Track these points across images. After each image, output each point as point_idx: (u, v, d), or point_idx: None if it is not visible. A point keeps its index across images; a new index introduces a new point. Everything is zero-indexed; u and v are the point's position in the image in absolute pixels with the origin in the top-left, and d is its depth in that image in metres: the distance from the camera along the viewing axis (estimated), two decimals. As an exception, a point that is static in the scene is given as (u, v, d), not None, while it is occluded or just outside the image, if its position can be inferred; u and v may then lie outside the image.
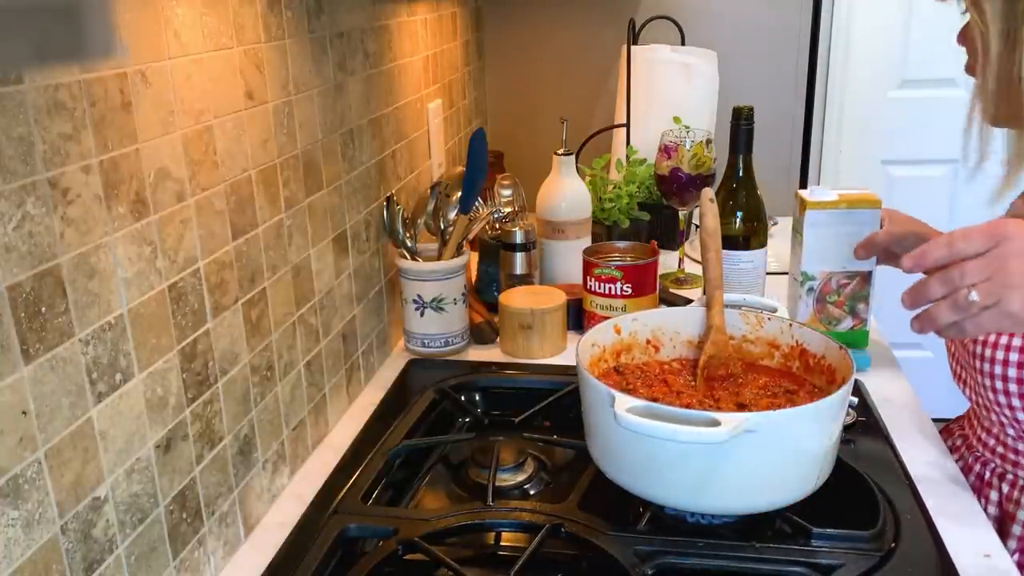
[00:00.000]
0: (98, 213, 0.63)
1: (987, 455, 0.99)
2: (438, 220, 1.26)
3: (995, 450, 0.97)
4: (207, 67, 0.77)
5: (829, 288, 1.17)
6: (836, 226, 1.15)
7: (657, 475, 0.82)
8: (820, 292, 1.17)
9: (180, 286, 0.74)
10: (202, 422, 0.78)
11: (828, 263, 1.17)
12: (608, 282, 1.26)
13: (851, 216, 1.14)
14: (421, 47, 1.44)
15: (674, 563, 0.81)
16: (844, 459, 0.89)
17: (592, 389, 0.84)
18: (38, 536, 0.58)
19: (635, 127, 1.76)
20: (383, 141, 1.25)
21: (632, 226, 1.59)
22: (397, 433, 1.04)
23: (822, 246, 1.16)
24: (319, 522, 0.87)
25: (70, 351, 0.61)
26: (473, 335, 1.31)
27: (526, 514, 0.88)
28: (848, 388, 0.82)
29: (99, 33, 0.25)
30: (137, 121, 0.67)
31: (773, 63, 2.05)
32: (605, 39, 2.02)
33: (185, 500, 0.76)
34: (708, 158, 1.46)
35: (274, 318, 0.92)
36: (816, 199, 1.15)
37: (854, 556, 0.80)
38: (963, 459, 1.03)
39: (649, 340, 1.03)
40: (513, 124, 2.11)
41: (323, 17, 1.02)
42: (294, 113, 0.95)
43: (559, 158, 1.43)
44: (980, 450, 1.00)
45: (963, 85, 2.29)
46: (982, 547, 0.84)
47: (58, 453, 0.60)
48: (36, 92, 0.57)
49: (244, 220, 0.85)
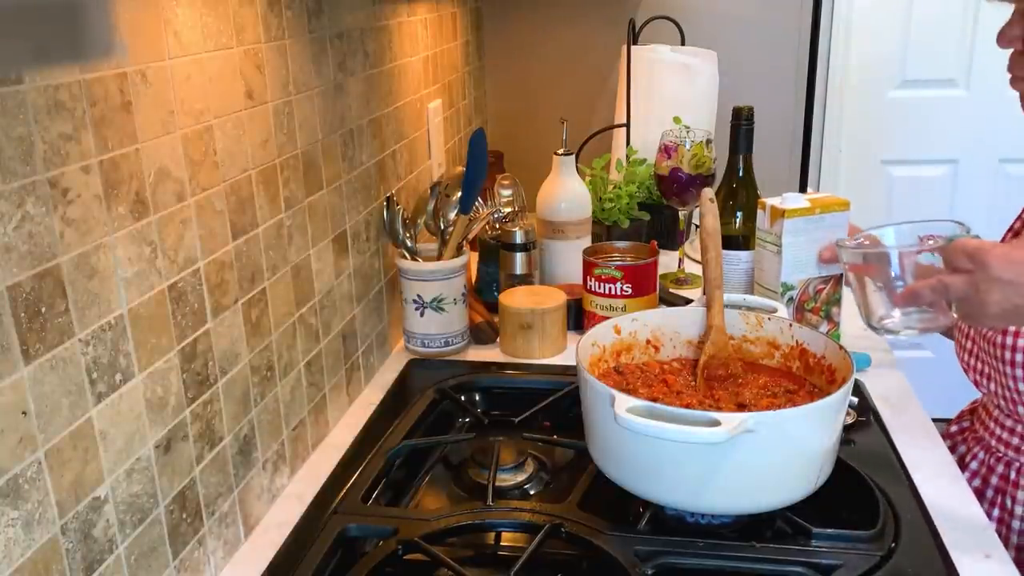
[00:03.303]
0: (98, 213, 0.63)
1: (1011, 454, 0.98)
2: (438, 220, 1.26)
3: (1020, 448, 0.97)
4: (207, 67, 0.77)
5: (807, 296, 1.16)
6: (811, 232, 1.13)
7: (657, 475, 0.82)
8: (799, 301, 1.16)
9: (180, 286, 0.74)
10: (202, 422, 0.78)
11: (805, 271, 1.15)
12: (608, 282, 1.26)
13: (824, 221, 1.13)
14: (421, 47, 1.44)
15: (674, 563, 0.81)
16: (844, 459, 0.89)
17: (592, 389, 0.84)
18: (38, 536, 0.58)
19: (635, 127, 1.76)
20: (383, 141, 1.25)
21: (632, 226, 1.59)
22: (397, 433, 1.04)
23: (798, 255, 1.14)
24: (319, 522, 0.87)
25: (70, 351, 0.61)
26: (473, 335, 1.31)
27: (526, 514, 0.88)
28: (848, 388, 0.82)
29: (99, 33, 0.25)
30: (137, 121, 0.67)
31: (773, 63, 2.05)
32: (605, 39, 2.02)
33: (185, 500, 0.76)
34: (708, 158, 1.46)
35: (274, 318, 0.92)
36: (792, 207, 1.13)
37: (854, 556, 0.80)
38: (977, 459, 1.03)
39: (649, 340, 1.03)
40: (513, 124, 2.11)
41: (323, 17, 1.02)
42: (294, 113, 0.95)
43: (559, 158, 1.43)
44: (1002, 449, 1.00)
45: (963, 85, 2.29)
46: (982, 547, 0.84)
47: (58, 453, 0.60)
48: (36, 92, 0.57)
49: (244, 220, 0.85)
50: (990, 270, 0.79)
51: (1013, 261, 0.79)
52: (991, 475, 1.00)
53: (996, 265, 0.79)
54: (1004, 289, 0.79)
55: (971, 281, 0.80)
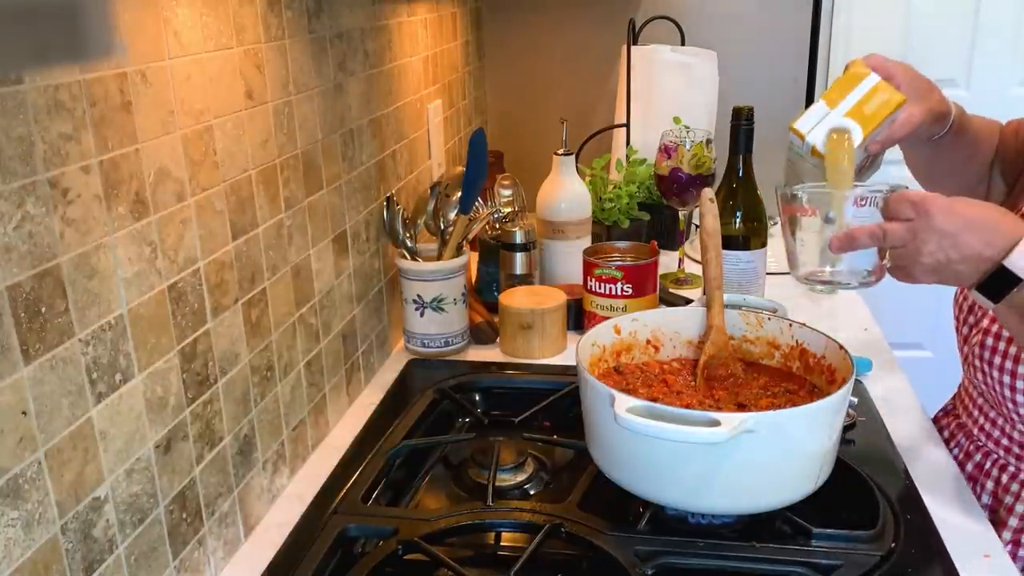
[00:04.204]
0: (98, 213, 0.63)
1: (990, 445, 0.99)
2: (438, 220, 1.26)
3: (1000, 441, 0.97)
4: (207, 67, 0.77)
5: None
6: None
7: (657, 475, 0.82)
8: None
9: (180, 286, 0.74)
10: (202, 422, 0.78)
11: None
12: (608, 282, 1.25)
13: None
14: (421, 47, 1.44)
15: (674, 563, 0.81)
16: (844, 459, 0.89)
17: (592, 389, 0.84)
18: (38, 536, 0.58)
19: (635, 127, 1.76)
20: (383, 141, 1.25)
21: (632, 226, 1.59)
22: (397, 433, 1.04)
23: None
24: (319, 522, 0.87)
25: (70, 351, 0.61)
26: (473, 335, 1.31)
27: (526, 514, 0.88)
28: (848, 388, 0.82)
29: (99, 33, 0.25)
30: (137, 121, 0.67)
31: (773, 63, 2.05)
32: (605, 39, 2.02)
33: (185, 500, 0.76)
34: (708, 158, 1.46)
35: (274, 318, 0.92)
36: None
37: (854, 556, 0.80)
38: (960, 447, 1.03)
39: (649, 340, 1.03)
40: (513, 124, 2.11)
41: (323, 17, 1.02)
42: (294, 113, 0.95)
43: (559, 158, 1.43)
44: (983, 440, 1.00)
45: (963, 85, 2.29)
46: (982, 547, 0.84)
47: (58, 453, 0.60)
48: (36, 92, 0.57)
49: (244, 220, 0.85)
50: (932, 219, 0.80)
51: (955, 212, 0.80)
52: (967, 462, 1.01)
53: (938, 215, 0.80)
54: (941, 240, 0.80)
55: (911, 228, 0.82)
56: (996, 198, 1.09)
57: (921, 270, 0.83)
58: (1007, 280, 0.79)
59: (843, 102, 0.96)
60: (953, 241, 0.80)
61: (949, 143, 1.03)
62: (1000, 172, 1.08)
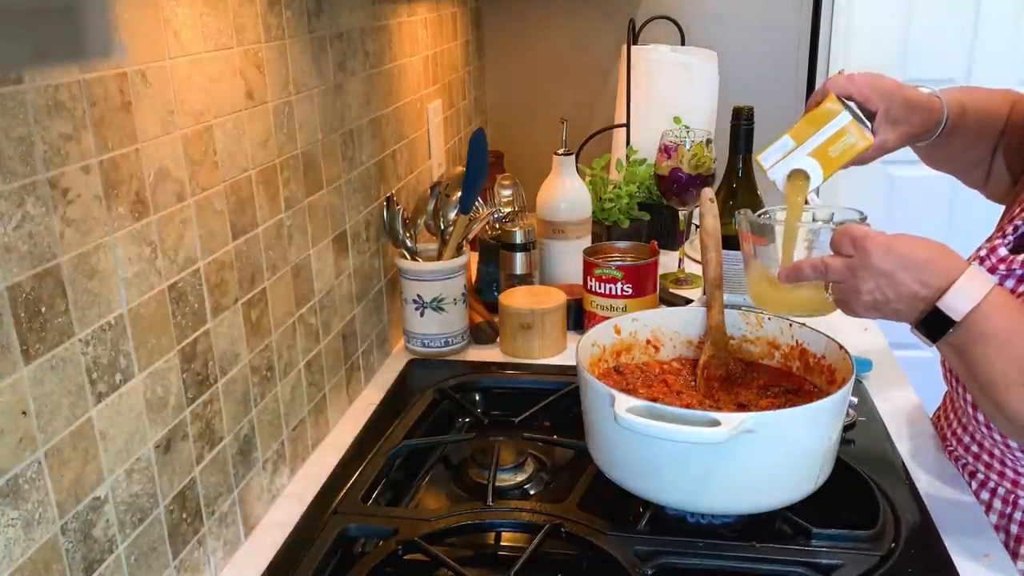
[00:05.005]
0: (98, 213, 0.63)
1: (959, 451, 0.99)
2: (438, 220, 1.26)
3: (969, 448, 0.97)
4: (207, 67, 0.77)
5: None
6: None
7: (657, 475, 0.82)
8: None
9: (180, 286, 0.74)
10: (202, 422, 0.78)
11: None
12: (608, 282, 1.25)
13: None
14: (421, 47, 1.44)
15: (674, 563, 0.81)
16: (844, 459, 0.89)
17: (592, 389, 0.84)
18: (38, 536, 0.58)
19: (635, 127, 1.76)
20: (383, 141, 1.25)
21: (632, 226, 1.59)
22: (397, 433, 1.04)
23: None
24: (319, 522, 0.87)
25: (70, 351, 0.61)
26: (473, 335, 1.31)
27: (526, 514, 0.88)
28: (848, 388, 0.82)
29: (98, 33, 0.25)
30: (137, 121, 0.67)
31: (773, 63, 2.05)
32: (605, 39, 2.02)
33: (185, 500, 0.76)
34: (708, 158, 1.46)
35: (274, 318, 0.92)
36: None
37: (854, 556, 0.80)
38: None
39: (649, 340, 1.03)
40: (513, 124, 2.11)
41: (323, 17, 1.02)
42: (294, 113, 0.95)
43: (559, 158, 1.43)
44: (953, 444, 1.00)
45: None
46: (981, 547, 0.84)
47: (58, 453, 0.60)
48: (36, 92, 0.57)
49: (244, 220, 0.85)
50: (869, 256, 0.80)
51: (892, 251, 0.80)
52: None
53: (875, 253, 0.80)
54: (878, 279, 0.80)
55: (850, 265, 0.82)
56: (997, 183, 1.08)
57: (861, 306, 0.83)
58: (942, 321, 0.79)
59: (809, 140, 0.96)
60: (890, 280, 0.80)
61: (943, 140, 1.03)
62: (1004, 156, 1.06)
